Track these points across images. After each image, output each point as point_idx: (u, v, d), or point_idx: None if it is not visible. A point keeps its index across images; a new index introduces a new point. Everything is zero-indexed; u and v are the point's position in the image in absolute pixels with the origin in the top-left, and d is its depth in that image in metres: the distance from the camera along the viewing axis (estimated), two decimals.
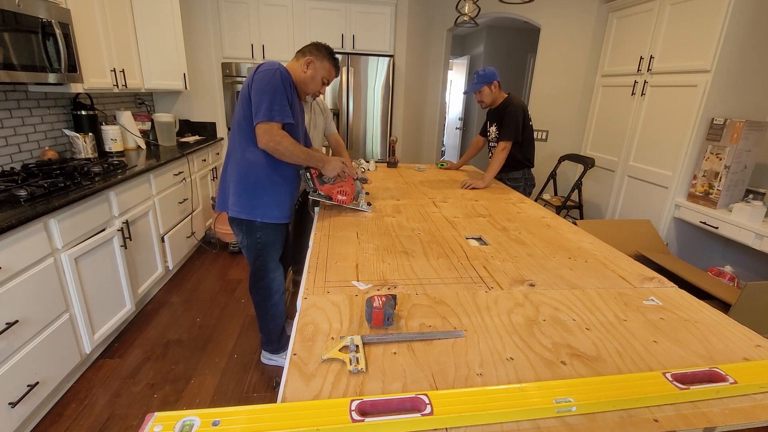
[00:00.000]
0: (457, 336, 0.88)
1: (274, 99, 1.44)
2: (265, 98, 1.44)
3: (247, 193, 1.58)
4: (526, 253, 1.38)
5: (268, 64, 1.49)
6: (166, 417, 0.61)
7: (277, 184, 1.62)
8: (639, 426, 0.66)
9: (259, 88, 1.45)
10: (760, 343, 0.91)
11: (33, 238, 1.53)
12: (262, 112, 1.44)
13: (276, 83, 1.45)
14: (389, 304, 0.90)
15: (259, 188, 1.59)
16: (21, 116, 2.16)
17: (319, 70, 1.62)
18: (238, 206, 1.59)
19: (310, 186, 1.68)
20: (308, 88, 1.63)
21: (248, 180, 1.57)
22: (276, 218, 1.64)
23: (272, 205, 1.62)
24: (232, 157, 1.60)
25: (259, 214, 1.61)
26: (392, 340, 0.86)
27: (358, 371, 0.75)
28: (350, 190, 1.70)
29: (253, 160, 1.56)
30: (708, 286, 1.93)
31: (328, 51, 1.64)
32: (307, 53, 1.61)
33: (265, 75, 1.45)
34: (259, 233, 1.64)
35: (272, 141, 1.47)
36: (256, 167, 1.56)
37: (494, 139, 2.61)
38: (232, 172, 1.59)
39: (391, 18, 3.81)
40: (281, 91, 1.46)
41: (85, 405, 1.73)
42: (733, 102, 2.50)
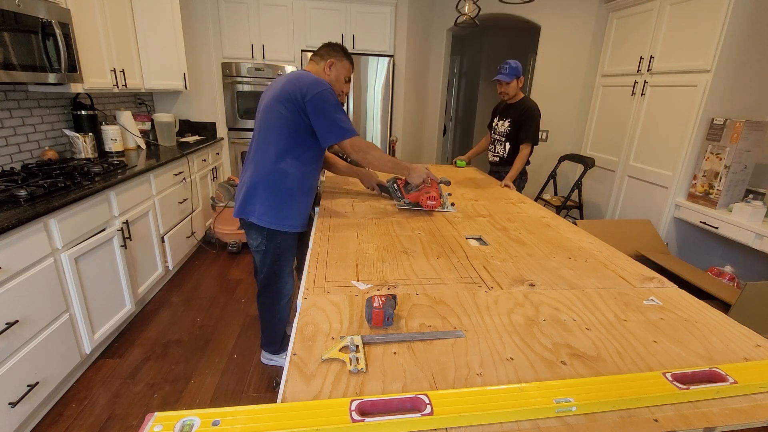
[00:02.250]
0: (457, 336, 0.88)
1: (344, 115, 1.54)
2: (337, 116, 1.51)
3: (277, 204, 1.60)
4: (526, 253, 1.38)
5: (314, 80, 1.52)
6: (166, 417, 0.61)
7: (304, 194, 1.66)
8: (639, 426, 0.66)
9: (326, 108, 1.50)
10: (760, 343, 0.91)
11: (33, 238, 1.53)
12: (344, 129, 1.52)
13: (336, 100, 1.53)
14: (389, 304, 0.90)
15: (289, 199, 1.61)
16: (21, 116, 2.16)
17: (341, 70, 1.67)
18: (268, 216, 1.60)
19: (398, 196, 1.79)
20: (336, 87, 1.66)
21: (280, 191, 1.59)
22: (298, 227, 1.67)
23: (297, 215, 1.65)
24: (258, 166, 1.58)
25: (286, 224, 1.63)
26: (392, 340, 0.86)
27: (358, 371, 0.75)
28: (437, 194, 1.73)
29: (288, 171, 1.57)
30: (708, 286, 1.93)
31: (343, 50, 1.69)
32: (326, 56, 1.65)
33: (325, 94, 1.49)
34: (280, 238, 1.65)
35: (362, 152, 1.57)
36: (289, 179, 1.58)
37: (503, 134, 2.67)
38: (259, 180, 1.58)
39: (391, 18, 3.81)
40: (341, 106, 1.56)
41: (85, 405, 1.73)
42: (733, 102, 2.50)
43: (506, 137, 2.66)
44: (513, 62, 2.52)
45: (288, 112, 1.50)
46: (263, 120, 1.58)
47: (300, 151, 1.57)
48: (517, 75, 2.52)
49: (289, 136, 1.53)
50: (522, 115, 2.55)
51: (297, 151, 1.56)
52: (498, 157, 2.76)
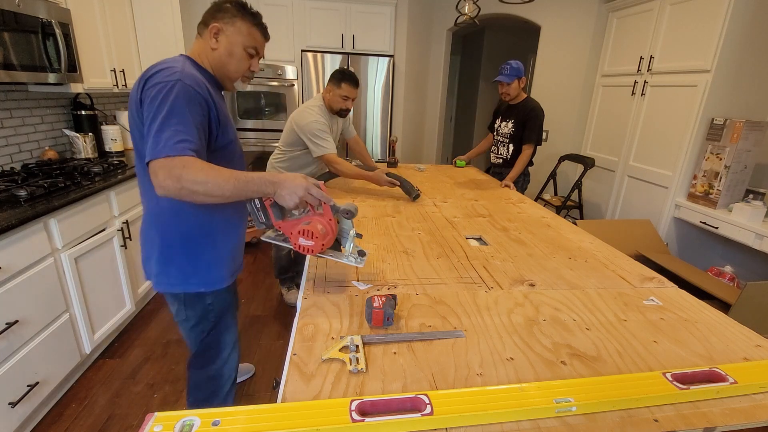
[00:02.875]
0: (458, 336, 0.88)
1: (180, 119, 0.92)
2: (162, 121, 0.91)
3: (174, 257, 1.10)
4: (526, 253, 1.38)
5: (161, 66, 0.99)
6: (166, 417, 0.61)
7: (217, 233, 1.13)
8: (639, 426, 0.66)
9: (155, 105, 0.93)
10: (760, 343, 0.91)
11: (33, 238, 1.53)
12: (149, 145, 0.90)
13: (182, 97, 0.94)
14: (389, 304, 0.90)
15: (193, 247, 1.10)
16: (21, 116, 2.15)
17: (235, 36, 1.08)
18: (167, 276, 1.11)
19: (260, 220, 1.04)
20: (229, 68, 1.10)
21: (174, 237, 1.08)
22: (225, 280, 1.18)
23: (214, 266, 1.14)
24: (144, 204, 1.11)
25: (197, 282, 1.13)
26: (392, 340, 0.86)
27: (358, 371, 0.75)
28: (326, 228, 0.99)
29: (176, 207, 1.05)
30: (708, 286, 1.93)
31: (240, 5, 1.09)
32: (209, 19, 1.08)
33: (161, 82, 0.95)
34: (209, 299, 1.17)
35: (169, 179, 0.87)
36: (182, 217, 1.07)
37: (506, 135, 2.65)
38: (147, 226, 1.12)
39: (391, 18, 3.81)
40: (181, 109, 0.93)
41: (85, 405, 1.73)
42: (733, 102, 2.50)
43: (510, 138, 2.65)
44: (514, 63, 2.51)
45: (135, 118, 1.01)
46: (133, 139, 1.05)
47: None
48: (519, 75, 2.52)
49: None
50: (525, 115, 2.54)
51: None
52: (501, 158, 2.75)
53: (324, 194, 0.99)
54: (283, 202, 0.97)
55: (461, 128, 6.53)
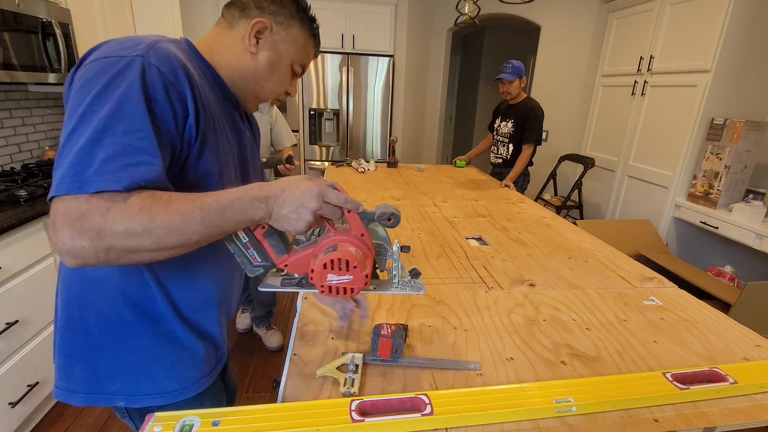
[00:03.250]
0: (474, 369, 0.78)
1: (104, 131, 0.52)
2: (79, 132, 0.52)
3: (86, 350, 0.68)
4: (526, 253, 1.38)
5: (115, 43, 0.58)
6: (166, 417, 0.61)
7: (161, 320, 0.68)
8: (639, 426, 0.66)
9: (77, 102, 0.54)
10: (760, 343, 0.91)
11: (33, 238, 1.53)
12: (60, 171, 0.51)
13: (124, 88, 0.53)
14: (399, 334, 0.77)
15: (118, 336, 0.67)
16: (21, 116, 2.15)
17: (284, 45, 0.72)
18: (69, 377, 0.69)
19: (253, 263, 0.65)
20: (265, 85, 0.73)
21: (86, 320, 0.68)
22: (177, 392, 0.71)
23: (161, 366, 0.69)
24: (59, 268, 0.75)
25: (125, 391, 0.69)
26: (397, 365, 0.78)
27: (350, 394, 0.69)
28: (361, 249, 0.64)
29: (95, 271, 0.67)
30: (708, 286, 1.93)
31: (296, 3, 0.72)
32: (253, 6, 0.69)
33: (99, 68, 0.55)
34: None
35: (77, 234, 0.49)
36: (102, 288, 0.67)
37: (506, 135, 2.65)
38: (58, 298, 0.76)
39: (391, 18, 3.81)
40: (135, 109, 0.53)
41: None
42: (733, 102, 2.50)
43: (510, 138, 2.66)
44: (515, 62, 2.52)
45: None
46: None
47: None
48: (520, 74, 2.52)
49: None
50: (525, 115, 2.55)
51: None
52: (501, 158, 2.75)
53: (346, 197, 0.62)
54: (285, 225, 0.60)
55: (461, 128, 6.53)
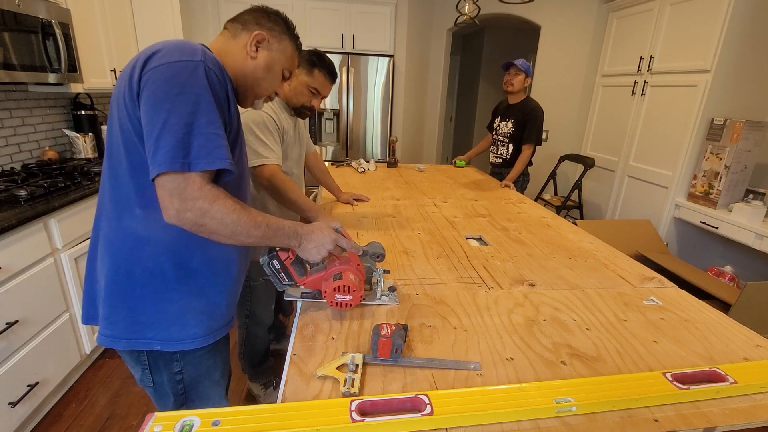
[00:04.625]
0: (474, 369, 0.79)
1: (193, 123, 0.70)
2: (171, 122, 0.69)
3: (130, 300, 0.81)
4: (526, 253, 1.38)
5: (172, 46, 0.73)
6: (166, 417, 0.61)
7: (195, 275, 0.84)
8: (639, 426, 0.66)
9: (165, 94, 0.69)
10: (760, 343, 0.91)
11: (33, 238, 1.53)
12: (164, 152, 0.68)
13: (202, 90, 0.72)
14: (399, 334, 0.79)
15: (157, 288, 0.81)
16: (21, 116, 2.15)
17: (277, 54, 0.91)
18: (112, 326, 0.83)
19: (282, 282, 0.94)
20: (262, 84, 0.91)
21: (132, 273, 0.80)
22: (197, 339, 0.86)
23: (192, 316, 0.85)
24: (102, 228, 0.84)
25: (160, 336, 0.83)
26: (397, 365, 0.78)
27: (351, 394, 0.70)
28: (357, 277, 0.94)
29: (142, 233, 0.79)
30: (708, 286, 1.93)
31: (286, 23, 0.94)
32: (253, 23, 0.89)
33: (178, 68, 0.71)
34: (179, 364, 0.88)
35: (187, 209, 0.71)
36: (149, 246, 0.79)
37: (506, 135, 2.65)
38: (103, 255, 0.83)
39: (391, 18, 3.81)
40: (209, 106, 0.73)
41: (85, 405, 1.73)
42: (733, 102, 2.50)
43: (509, 138, 2.65)
44: (527, 61, 2.53)
45: (125, 113, 0.74)
46: (107, 139, 0.80)
47: None
48: (527, 72, 2.52)
49: (132, 158, 0.75)
50: (525, 115, 2.54)
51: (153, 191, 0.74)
52: (500, 158, 2.75)
53: (353, 243, 0.94)
54: (307, 256, 0.89)
55: (461, 128, 6.53)
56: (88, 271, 0.89)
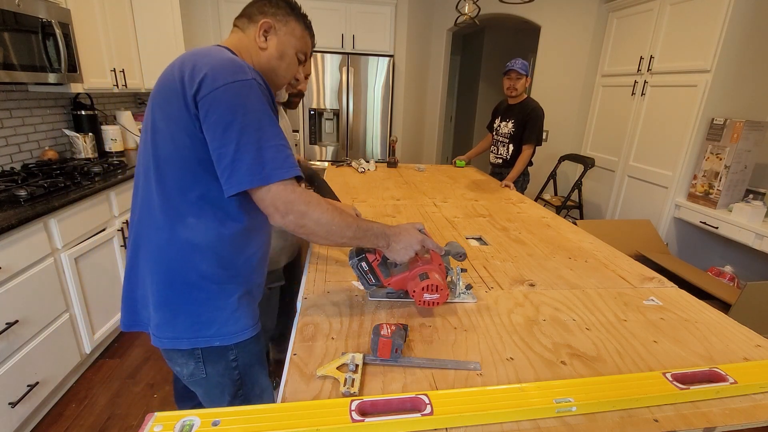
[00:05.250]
0: (474, 369, 0.79)
1: (274, 132, 0.78)
2: (256, 136, 0.75)
3: (188, 304, 0.85)
4: (526, 253, 1.38)
5: (220, 61, 0.77)
6: (166, 417, 0.61)
7: (242, 276, 0.91)
8: (639, 426, 0.66)
9: (237, 117, 0.74)
10: (760, 343, 0.91)
11: (33, 238, 1.53)
12: (243, 171, 0.75)
13: (263, 102, 0.78)
14: (399, 334, 0.79)
15: (210, 295, 0.86)
16: (21, 116, 2.15)
17: (288, 39, 0.92)
18: (174, 328, 0.86)
19: (369, 283, 0.97)
20: (278, 73, 0.93)
21: (187, 282, 0.84)
22: (249, 329, 0.92)
23: (242, 310, 0.90)
24: (144, 236, 0.86)
25: (219, 333, 0.88)
26: (397, 365, 0.79)
27: (351, 394, 0.70)
28: (441, 276, 0.96)
29: (195, 241, 0.83)
30: (708, 286, 1.93)
31: (290, 5, 0.94)
32: (257, 13, 0.90)
33: (239, 88, 0.75)
34: (233, 353, 0.92)
35: (288, 211, 0.78)
36: (200, 255, 0.83)
37: (507, 135, 2.66)
38: (149, 265, 0.86)
39: (391, 18, 3.81)
40: (271, 119, 0.78)
41: (85, 405, 1.73)
42: (733, 102, 2.50)
43: (510, 138, 2.66)
44: (523, 61, 2.52)
45: (168, 125, 0.78)
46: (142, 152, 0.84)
47: (215, 198, 0.81)
48: (527, 74, 2.52)
49: (185, 171, 0.79)
50: (526, 115, 2.54)
51: (209, 199, 0.81)
52: (501, 158, 2.75)
53: (437, 244, 0.96)
54: (395, 256, 0.92)
55: (461, 128, 6.53)
56: (128, 279, 0.91)
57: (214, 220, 0.82)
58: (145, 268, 0.86)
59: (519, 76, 2.49)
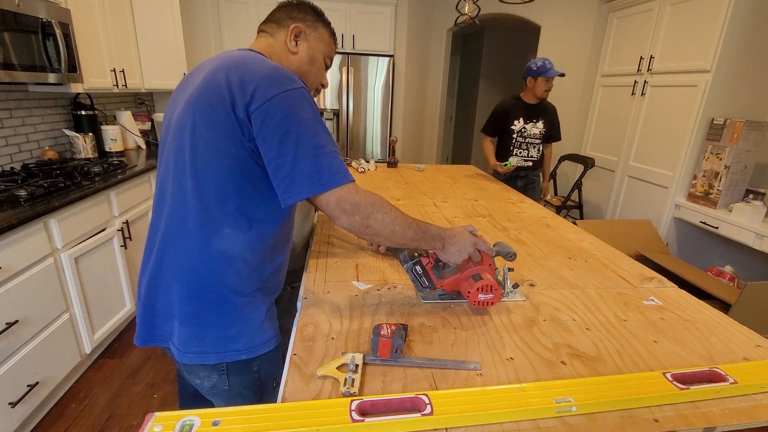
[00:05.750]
0: (474, 369, 0.79)
1: (327, 138, 0.79)
2: (314, 143, 0.76)
3: (218, 318, 0.83)
4: (526, 253, 1.38)
5: (269, 69, 0.77)
6: (166, 417, 0.61)
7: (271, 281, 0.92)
8: (639, 426, 0.66)
9: (296, 126, 0.75)
10: (760, 343, 0.91)
11: (33, 238, 1.53)
12: (328, 171, 0.77)
13: (315, 110, 0.80)
14: (399, 334, 0.79)
15: (243, 302, 0.84)
16: (21, 116, 2.15)
17: (317, 44, 0.94)
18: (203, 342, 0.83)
19: (423, 284, 0.99)
20: (308, 79, 0.95)
21: (221, 292, 0.82)
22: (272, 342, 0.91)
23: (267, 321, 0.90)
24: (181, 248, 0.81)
25: (246, 346, 0.86)
26: (397, 365, 0.79)
27: (351, 394, 0.70)
28: (492, 277, 0.97)
29: (229, 252, 0.81)
30: (708, 286, 1.93)
31: (316, 11, 0.96)
32: (287, 19, 0.92)
33: (294, 98, 0.76)
34: (256, 364, 0.90)
35: (359, 213, 0.79)
36: (233, 267, 0.82)
37: (538, 135, 2.65)
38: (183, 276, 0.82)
39: (391, 18, 3.81)
40: (322, 126, 0.80)
41: (85, 405, 1.73)
42: (733, 102, 2.50)
43: (542, 138, 2.66)
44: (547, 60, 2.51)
45: (211, 132, 0.76)
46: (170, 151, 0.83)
47: (250, 208, 0.81)
48: None
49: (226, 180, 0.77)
50: (553, 114, 2.66)
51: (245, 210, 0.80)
52: (531, 160, 2.67)
53: (488, 246, 0.97)
54: (449, 258, 0.93)
55: (461, 128, 6.53)
56: (149, 292, 0.86)
57: (248, 231, 0.81)
58: (171, 280, 0.83)
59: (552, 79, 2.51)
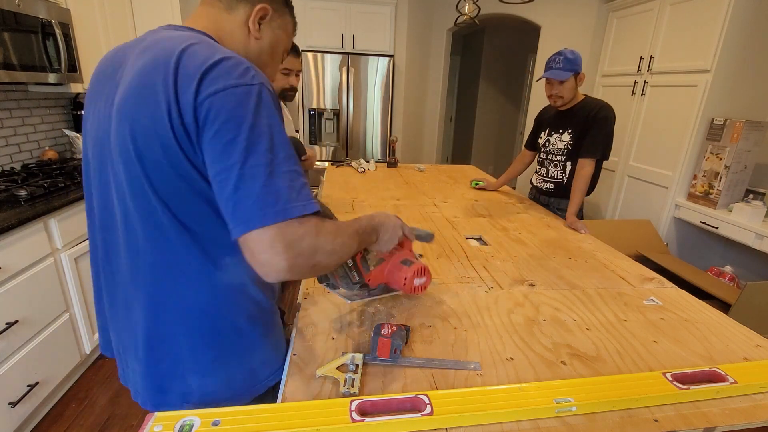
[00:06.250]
0: (474, 369, 0.79)
1: (273, 161, 0.58)
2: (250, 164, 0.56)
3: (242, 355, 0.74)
4: (526, 253, 1.38)
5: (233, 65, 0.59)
6: (166, 417, 0.61)
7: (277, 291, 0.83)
8: (639, 426, 0.66)
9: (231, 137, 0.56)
10: (760, 343, 0.91)
11: (33, 238, 1.53)
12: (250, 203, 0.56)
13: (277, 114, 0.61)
14: (399, 335, 0.79)
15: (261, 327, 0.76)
16: (21, 116, 2.15)
17: (279, 32, 0.77)
18: (227, 389, 0.73)
19: (353, 281, 0.83)
20: (266, 72, 0.79)
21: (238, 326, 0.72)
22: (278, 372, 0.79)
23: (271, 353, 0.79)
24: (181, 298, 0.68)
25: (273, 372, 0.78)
26: (397, 365, 0.79)
27: (351, 394, 0.69)
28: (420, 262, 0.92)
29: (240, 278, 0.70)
30: (708, 286, 1.93)
31: None
32: None
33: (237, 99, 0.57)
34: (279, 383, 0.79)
35: (297, 254, 0.58)
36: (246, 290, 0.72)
37: (561, 151, 1.93)
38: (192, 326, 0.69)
39: (391, 18, 3.81)
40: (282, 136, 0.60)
41: (85, 405, 1.73)
42: (733, 102, 2.50)
43: (567, 155, 1.91)
44: (569, 53, 1.77)
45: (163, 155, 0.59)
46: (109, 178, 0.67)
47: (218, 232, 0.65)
48: (575, 70, 1.77)
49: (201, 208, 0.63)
50: (589, 121, 1.80)
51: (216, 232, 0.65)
52: (553, 183, 2.00)
53: (410, 229, 0.92)
54: (382, 247, 0.84)
55: (461, 128, 6.53)
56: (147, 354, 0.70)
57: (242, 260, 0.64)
58: (179, 333, 0.69)
59: (561, 81, 1.78)
